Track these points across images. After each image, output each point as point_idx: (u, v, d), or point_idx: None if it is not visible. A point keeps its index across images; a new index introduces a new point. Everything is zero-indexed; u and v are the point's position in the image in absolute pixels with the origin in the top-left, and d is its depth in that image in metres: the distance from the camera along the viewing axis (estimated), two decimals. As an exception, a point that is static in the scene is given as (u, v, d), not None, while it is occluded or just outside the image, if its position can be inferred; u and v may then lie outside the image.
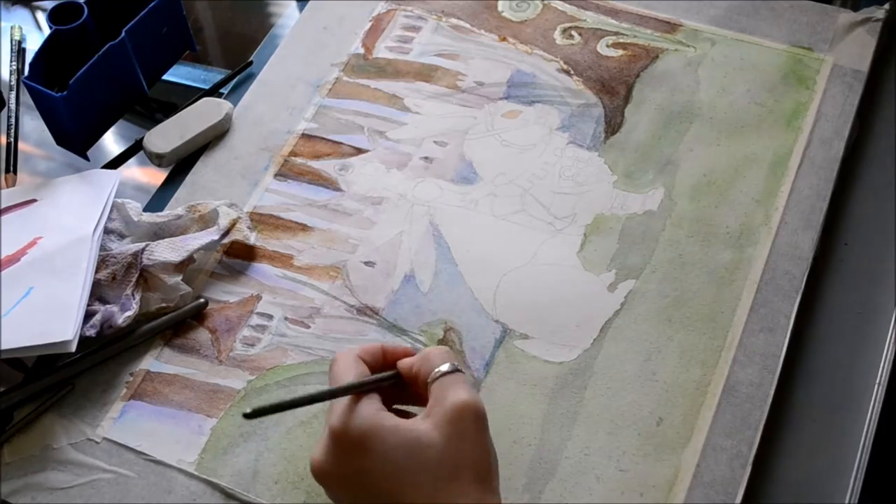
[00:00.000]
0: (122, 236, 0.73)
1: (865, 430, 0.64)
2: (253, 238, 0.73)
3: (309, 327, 0.70)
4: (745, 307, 0.68)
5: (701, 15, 0.84)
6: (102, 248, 0.71)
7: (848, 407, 0.65)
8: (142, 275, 0.69)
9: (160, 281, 0.69)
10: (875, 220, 0.73)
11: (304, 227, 0.75)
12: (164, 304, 0.70)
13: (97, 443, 0.65)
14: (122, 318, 0.68)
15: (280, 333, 0.69)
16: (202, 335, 0.70)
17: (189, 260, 0.70)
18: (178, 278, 0.70)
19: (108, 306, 0.68)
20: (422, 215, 0.75)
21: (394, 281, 0.71)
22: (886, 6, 0.82)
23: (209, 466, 0.64)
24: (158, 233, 0.73)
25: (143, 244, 0.70)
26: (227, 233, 0.72)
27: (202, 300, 0.70)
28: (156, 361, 0.69)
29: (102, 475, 0.64)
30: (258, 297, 0.71)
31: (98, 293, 0.69)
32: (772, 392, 0.65)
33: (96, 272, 0.69)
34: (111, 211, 0.73)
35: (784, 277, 0.69)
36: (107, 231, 0.72)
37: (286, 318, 0.70)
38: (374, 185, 0.76)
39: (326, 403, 0.65)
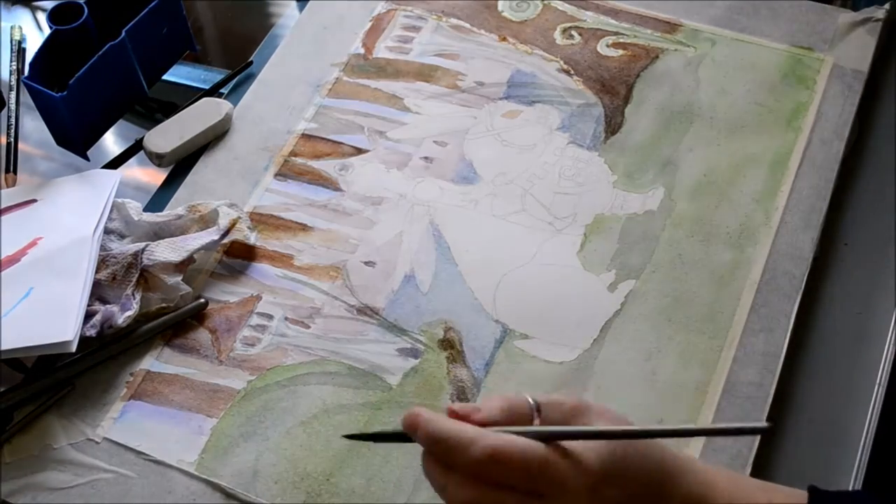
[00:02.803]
0: (122, 236, 0.73)
1: (865, 430, 0.64)
2: (253, 238, 0.73)
3: (309, 327, 0.70)
4: (745, 307, 0.68)
5: (701, 15, 0.84)
6: (103, 248, 0.71)
7: (848, 407, 0.65)
8: (142, 275, 0.69)
9: (160, 281, 0.69)
10: (875, 220, 0.73)
11: (304, 227, 0.75)
12: (164, 304, 0.70)
13: (97, 443, 0.65)
14: (122, 318, 0.68)
15: (280, 333, 0.69)
16: (202, 335, 0.70)
17: (189, 260, 0.70)
18: (179, 278, 0.70)
19: (108, 306, 0.68)
20: (422, 215, 0.75)
21: (394, 281, 0.71)
22: (886, 6, 0.82)
23: (209, 466, 0.64)
24: (159, 233, 0.73)
25: (143, 244, 0.70)
26: (227, 233, 0.72)
27: (202, 300, 0.70)
28: (156, 361, 0.69)
29: (102, 475, 0.64)
30: (258, 297, 0.71)
31: (98, 293, 0.69)
32: (772, 392, 0.65)
33: (96, 272, 0.69)
34: (111, 211, 0.73)
35: (784, 277, 0.69)
36: (107, 231, 0.72)
37: (286, 318, 0.70)
38: (374, 185, 0.76)
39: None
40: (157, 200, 0.77)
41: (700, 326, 0.68)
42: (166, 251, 0.70)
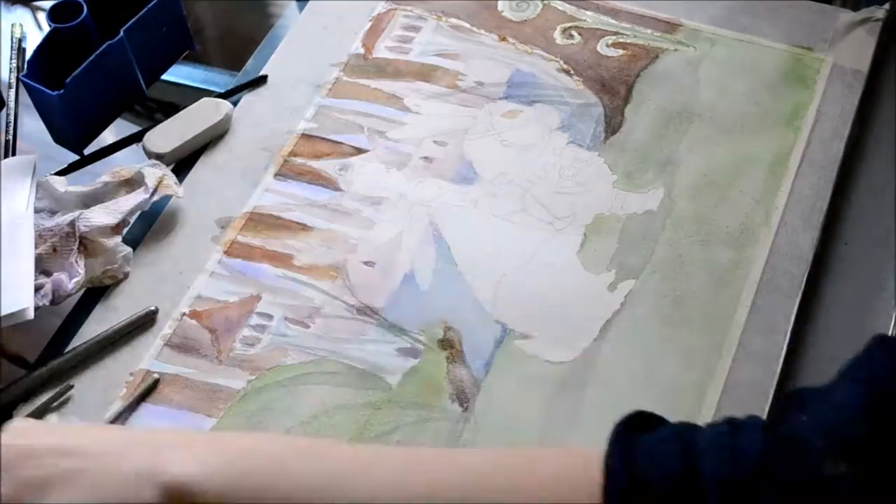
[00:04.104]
0: (52, 212, 0.74)
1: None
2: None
3: (309, 327, 0.70)
4: (745, 307, 0.68)
5: (701, 15, 0.84)
6: (35, 226, 0.72)
7: (848, 407, 0.65)
8: (81, 242, 0.71)
9: (101, 245, 0.71)
10: (875, 220, 0.73)
11: (304, 227, 0.75)
12: (108, 267, 0.71)
13: (97, 443, 0.65)
14: (71, 283, 0.69)
15: (280, 333, 0.69)
16: (202, 335, 0.70)
17: (124, 223, 0.72)
18: (118, 240, 0.71)
19: (56, 275, 0.69)
20: (422, 215, 0.75)
21: (394, 281, 0.71)
22: (886, 6, 0.82)
23: (209, 466, 0.64)
24: (88, 203, 0.74)
25: (77, 212, 0.71)
26: (155, 191, 0.73)
27: (152, 307, 0.70)
28: (156, 361, 0.68)
29: (102, 475, 0.64)
30: (258, 297, 0.71)
31: (41, 267, 0.70)
32: (772, 392, 0.65)
33: (35, 248, 0.70)
34: (37, 191, 0.74)
35: (784, 277, 0.69)
36: (36, 210, 0.73)
37: (286, 318, 0.70)
38: (374, 185, 0.76)
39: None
40: (158, 201, 0.77)
41: (700, 326, 0.68)
42: (101, 215, 0.71)
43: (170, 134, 0.78)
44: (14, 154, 0.80)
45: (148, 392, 0.67)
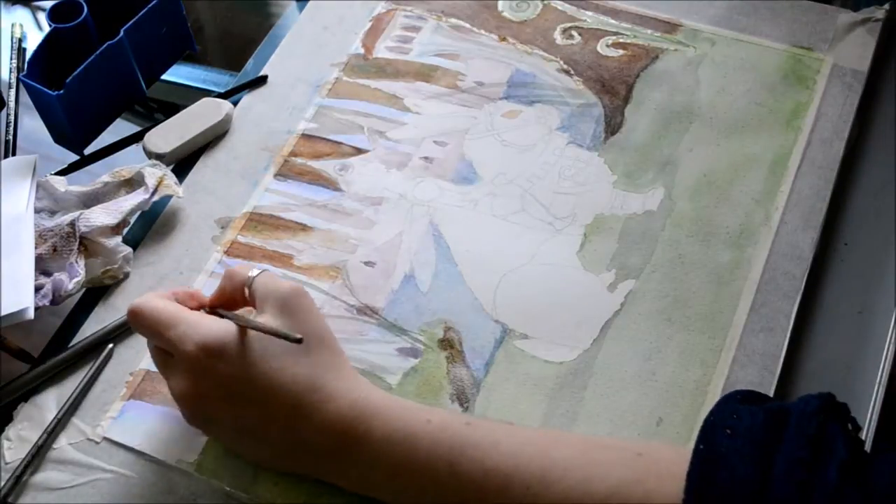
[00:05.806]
0: (52, 212, 0.74)
1: (865, 430, 0.64)
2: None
3: (309, 327, 0.70)
4: (745, 307, 0.68)
5: (701, 15, 0.84)
6: (35, 226, 0.72)
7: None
8: (81, 242, 0.71)
9: (101, 245, 0.71)
10: (875, 220, 0.73)
11: (304, 227, 0.75)
12: (108, 268, 0.71)
13: (97, 443, 0.65)
14: (71, 283, 0.69)
15: (280, 333, 0.69)
16: (202, 335, 0.70)
17: (124, 223, 0.72)
18: (118, 240, 0.72)
19: (56, 275, 0.69)
20: (422, 215, 0.75)
21: (394, 281, 0.71)
22: (886, 6, 0.82)
23: (209, 466, 0.64)
24: (87, 203, 0.74)
25: (77, 213, 0.72)
26: (155, 191, 0.73)
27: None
28: (155, 361, 0.69)
29: (102, 475, 0.64)
30: (258, 297, 0.71)
31: (41, 267, 0.70)
32: (772, 392, 0.65)
33: (35, 248, 0.70)
34: (37, 191, 0.74)
35: (784, 277, 0.70)
36: (36, 210, 0.73)
37: (286, 318, 0.70)
38: (374, 185, 0.76)
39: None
40: (158, 201, 0.77)
41: (700, 326, 0.68)
42: (101, 215, 0.71)
43: (170, 134, 0.79)
44: (14, 154, 0.80)
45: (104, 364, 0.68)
